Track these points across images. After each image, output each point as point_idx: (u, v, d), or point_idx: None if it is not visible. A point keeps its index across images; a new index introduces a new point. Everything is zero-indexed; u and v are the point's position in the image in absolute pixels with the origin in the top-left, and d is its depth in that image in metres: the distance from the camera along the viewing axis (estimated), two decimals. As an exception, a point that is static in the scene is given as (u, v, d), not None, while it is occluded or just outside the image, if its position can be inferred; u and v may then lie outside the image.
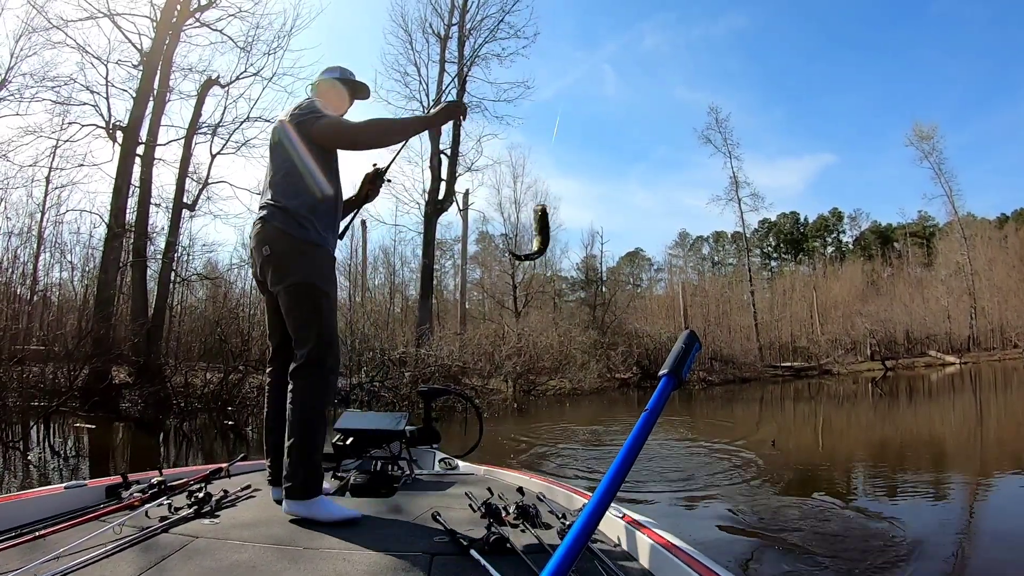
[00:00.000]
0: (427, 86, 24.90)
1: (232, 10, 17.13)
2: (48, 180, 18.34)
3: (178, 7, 16.06)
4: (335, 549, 1.96)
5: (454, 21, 24.92)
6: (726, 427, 12.79)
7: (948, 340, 39.04)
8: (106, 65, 15.87)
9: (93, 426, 10.67)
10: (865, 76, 78.15)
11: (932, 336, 38.81)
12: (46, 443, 9.70)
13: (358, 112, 2.90)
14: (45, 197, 18.60)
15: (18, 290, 16.58)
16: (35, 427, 10.13)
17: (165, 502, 2.36)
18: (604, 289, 35.63)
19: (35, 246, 18.31)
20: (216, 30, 17.09)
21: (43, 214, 18.65)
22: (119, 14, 15.69)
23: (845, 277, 45.64)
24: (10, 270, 16.34)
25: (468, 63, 24.84)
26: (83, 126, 16.20)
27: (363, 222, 31.29)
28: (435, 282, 28.02)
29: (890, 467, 7.23)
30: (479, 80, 25.14)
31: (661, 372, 1.21)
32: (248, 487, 2.75)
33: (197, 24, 16.86)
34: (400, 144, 2.88)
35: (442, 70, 24.88)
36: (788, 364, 33.20)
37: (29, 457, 8.39)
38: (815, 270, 51.99)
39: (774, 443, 8.94)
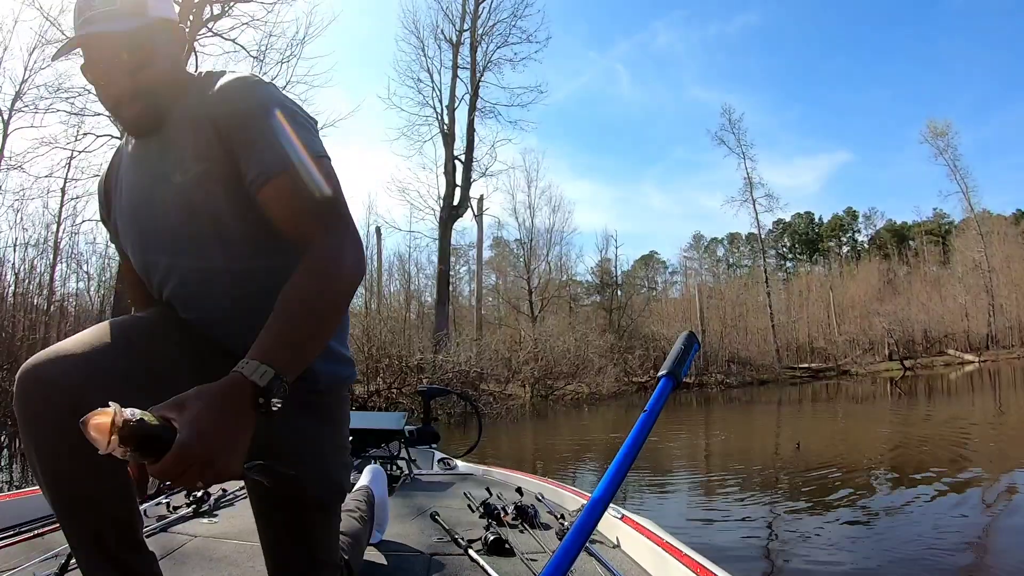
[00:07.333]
0: (440, 92, 25.10)
1: (245, 19, 17.21)
2: (64, 191, 18.42)
3: (191, 17, 16.18)
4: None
5: (466, 27, 25.08)
6: (745, 428, 12.71)
7: (967, 338, 38.49)
8: (120, 75, 15.99)
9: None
10: (882, 72, 77.53)
11: (950, 335, 38.29)
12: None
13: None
14: (61, 208, 18.68)
15: (35, 301, 16.67)
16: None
17: (163, 501, 2.36)
18: (620, 293, 35.48)
19: (51, 257, 18.38)
20: (229, 39, 17.17)
21: (59, 225, 18.73)
22: (132, 25, 15.83)
23: (861, 277, 45.14)
24: (27, 281, 16.44)
25: (480, 68, 24.95)
26: (98, 136, 16.27)
27: (378, 229, 31.50)
28: (451, 288, 28.06)
29: (913, 467, 7.08)
30: (492, 85, 25.30)
31: (660, 373, 1.20)
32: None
33: (210, 34, 16.94)
34: None
35: (455, 76, 25.06)
36: (806, 365, 32.90)
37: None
38: (831, 270, 51.51)
39: (799, 445, 8.78)
